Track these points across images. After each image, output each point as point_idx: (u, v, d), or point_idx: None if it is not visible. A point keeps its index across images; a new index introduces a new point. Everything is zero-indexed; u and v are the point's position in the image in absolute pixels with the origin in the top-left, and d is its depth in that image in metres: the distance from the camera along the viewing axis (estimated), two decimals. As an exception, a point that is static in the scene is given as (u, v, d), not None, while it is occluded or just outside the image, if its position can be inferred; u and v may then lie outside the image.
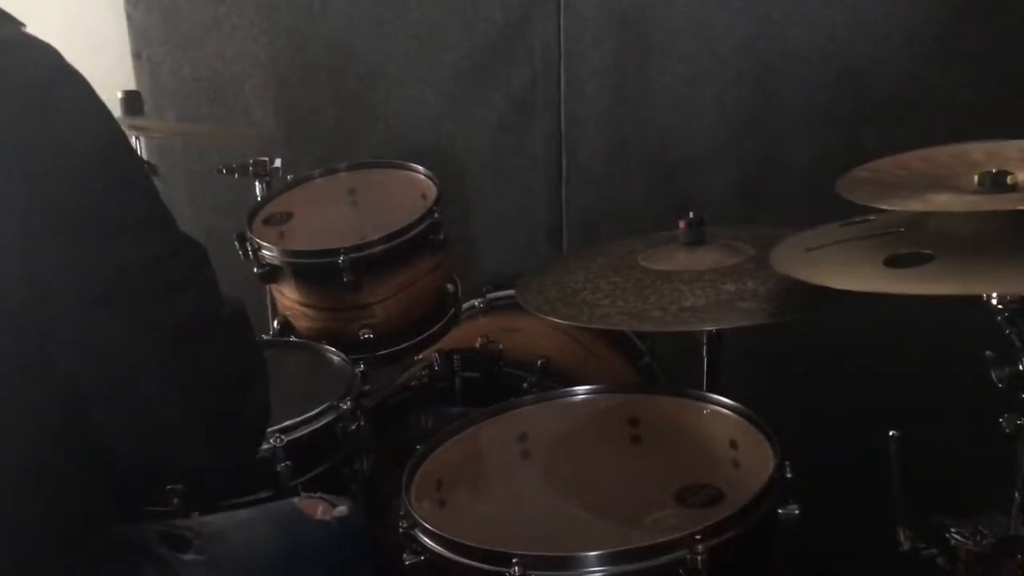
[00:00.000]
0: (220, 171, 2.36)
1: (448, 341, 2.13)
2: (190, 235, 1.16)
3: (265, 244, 2.02)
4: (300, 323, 2.10)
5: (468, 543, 1.31)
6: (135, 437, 1.13)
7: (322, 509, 1.54)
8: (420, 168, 2.16)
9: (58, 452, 1.10)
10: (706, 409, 1.59)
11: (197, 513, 1.59)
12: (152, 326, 1.08)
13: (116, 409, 1.10)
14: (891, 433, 1.41)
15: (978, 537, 1.38)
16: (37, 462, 1.09)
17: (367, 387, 1.90)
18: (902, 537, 1.44)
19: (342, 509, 1.55)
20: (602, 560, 1.25)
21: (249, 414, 1.21)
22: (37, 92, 1.03)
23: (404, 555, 1.38)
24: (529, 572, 1.25)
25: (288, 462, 1.68)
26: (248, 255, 2.06)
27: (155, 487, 1.59)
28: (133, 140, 2.34)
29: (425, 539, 1.37)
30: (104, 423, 1.10)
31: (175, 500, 1.60)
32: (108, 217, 1.06)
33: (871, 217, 1.48)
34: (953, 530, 1.39)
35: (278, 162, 2.32)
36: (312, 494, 1.61)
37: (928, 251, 1.30)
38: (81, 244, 1.04)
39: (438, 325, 2.12)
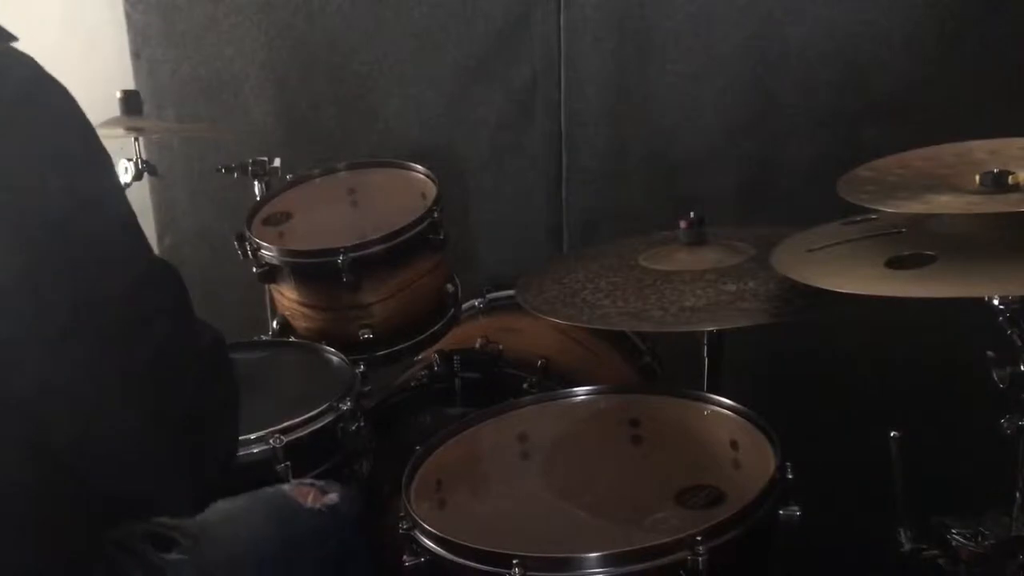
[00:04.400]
0: (219, 171, 2.36)
1: (448, 341, 2.13)
2: (163, 259, 1.11)
3: (264, 244, 2.01)
4: (300, 323, 2.10)
5: (468, 544, 1.31)
6: (100, 469, 1.07)
7: (313, 496, 1.52)
8: (420, 168, 2.16)
9: (38, 470, 1.06)
10: (707, 409, 1.59)
11: None
12: (120, 360, 1.02)
13: (81, 442, 1.05)
14: (892, 433, 1.41)
15: (979, 538, 1.38)
16: (14, 479, 1.05)
17: (367, 387, 1.89)
18: (903, 537, 1.43)
19: (333, 496, 1.53)
20: (602, 561, 1.25)
21: (217, 448, 1.16)
22: (12, 106, 0.99)
23: (404, 556, 1.37)
24: (529, 573, 1.25)
25: (288, 462, 1.68)
26: (247, 255, 2.06)
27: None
28: (132, 140, 2.34)
29: (425, 540, 1.36)
30: (69, 454, 1.05)
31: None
32: (78, 244, 1.00)
33: (872, 216, 1.48)
34: (954, 531, 1.39)
35: (277, 162, 2.31)
36: (303, 480, 1.59)
37: (930, 252, 1.29)
38: (48, 272, 0.98)
39: (438, 325, 2.12)
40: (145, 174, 2.37)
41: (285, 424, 1.70)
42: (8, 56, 1.03)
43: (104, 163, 1.07)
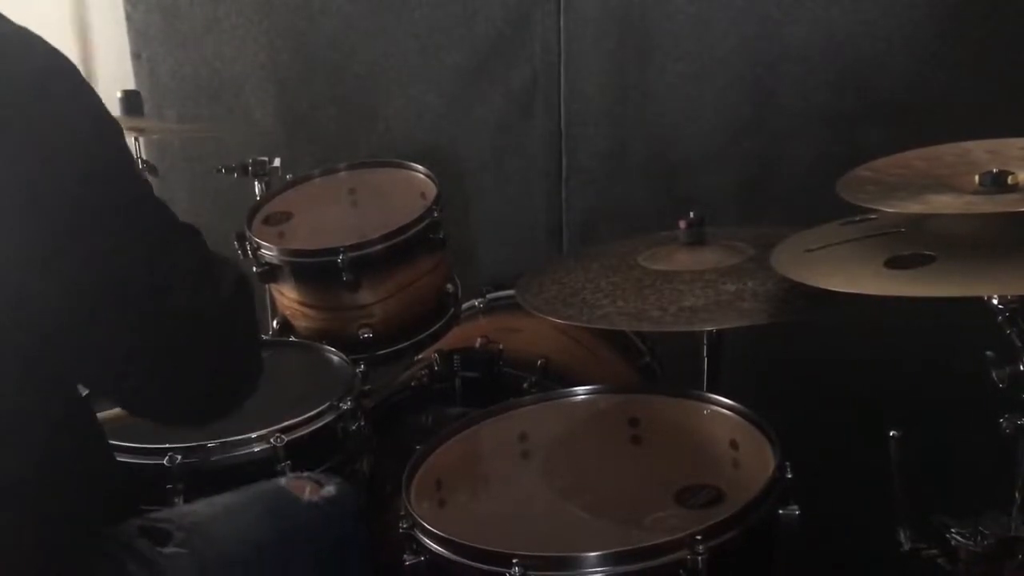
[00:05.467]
0: (219, 171, 2.36)
1: (448, 341, 2.13)
2: (183, 222, 1.16)
3: (264, 244, 2.02)
4: (300, 323, 2.10)
5: (468, 543, 1.31)
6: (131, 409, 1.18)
7: (310, 489, 1.50)
8: (420, 168, 2.16)
9: (48, 457, 1.09)
10: (706, 409, 1.59)
11: (180, 500, 1.58)
12: (146, 325, 1.07)
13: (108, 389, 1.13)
14: (891, 433, 1.41)
15: (979, 537, 1.37)
16: (22, 469, 1.07)
17: (367, 387, 1.89)
18: (902, 537, 1.44)
19: (330, 489, 1.52)
20: (602, 561, 1.25)
21: (241, 383, 1.23)
22: (32, 84, 1.01)
23: (404, 555, 1.38)
24: (529, 572, 1.25)
25: (288, 462, 1.67)
26: (247, 255, 2.06)
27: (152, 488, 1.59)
28: (132, 140, 2.34)
29: (425, 539, 1.36)
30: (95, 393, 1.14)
31: (176, 500, 1.60)
32: (103, 212, 1.04)
33: (872, 216, 1.48)
34: (953, 530, 1.39)
35: (277, 162, 2.32)
36: (299, 474, 1.59)
37: (929, 252, 1.30)
38: (75, 241, 1.02)
39: (438, 325, 2.12)
40: (145, 174, 2.37)
41: (286, 423, 1.70)
42: (24, 37, 1.05)
43: (121, 137, 1.10)
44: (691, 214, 1.77)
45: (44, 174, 1.00)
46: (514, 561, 1.25)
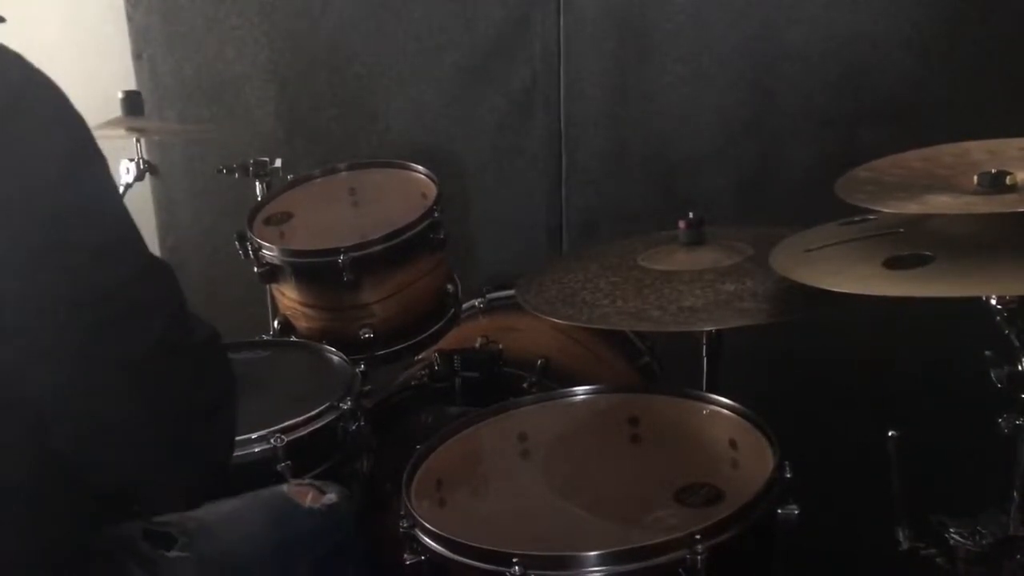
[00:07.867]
0: (220, 171, 2.37)
1: (448, 341, 2.14)
2: (157, 256, 1.12)
3: (265, 244, 2.02)
4: (300, 323, 2.10)
5: (468, 543, 1.31)
6: (94, 463, 1.08)
7: (312, 496, 1.52)
8: (420, 168, 2.17)
9: (35, 466, 1.07)
10: (706, 409, 1.59)
11: None
12: (118, 354, 1.03)
13: (77, 437, 1.05)
14: (891, 433, 1.41)
15: (977, 537, 1.38)
16: (11, 476, 1.06)
17: (368, 387, 1.90)
18: (901, 537, 1.44)
19: (331, 496, 1.53)
20: (602, 560, 1.26)
21: (215, 442, 1.16)
22: (5, 102, 0.99)
23: (404, 555, 1.38)
24: (529, 572, 1.25)
25: (288, 462, 1.68)
26: (248, 255, 2.07)
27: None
28: (133, 140, 2.35)
29: (425, 539, 1.37)
30: (67, 449, 1.06)
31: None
32: (76, 238, 1.00)
33: (870, 216, 1.49)
34: (952, 530, 1.40)
35: (278, 162, 2.32)
36: (301, 480, 1.60)
37: (928, 252, 1.30)
38: (47, 267, 0.99)
39: (438, 325, 2.13)
40: (146, 174, 2.38)
41: (286, 423, 1.70)
42: None
43: (96, 162, 1.06)
44: (690, 214, 1.77)
45: (18, 191, 0.98)
46: (514, 560, 1.25)
